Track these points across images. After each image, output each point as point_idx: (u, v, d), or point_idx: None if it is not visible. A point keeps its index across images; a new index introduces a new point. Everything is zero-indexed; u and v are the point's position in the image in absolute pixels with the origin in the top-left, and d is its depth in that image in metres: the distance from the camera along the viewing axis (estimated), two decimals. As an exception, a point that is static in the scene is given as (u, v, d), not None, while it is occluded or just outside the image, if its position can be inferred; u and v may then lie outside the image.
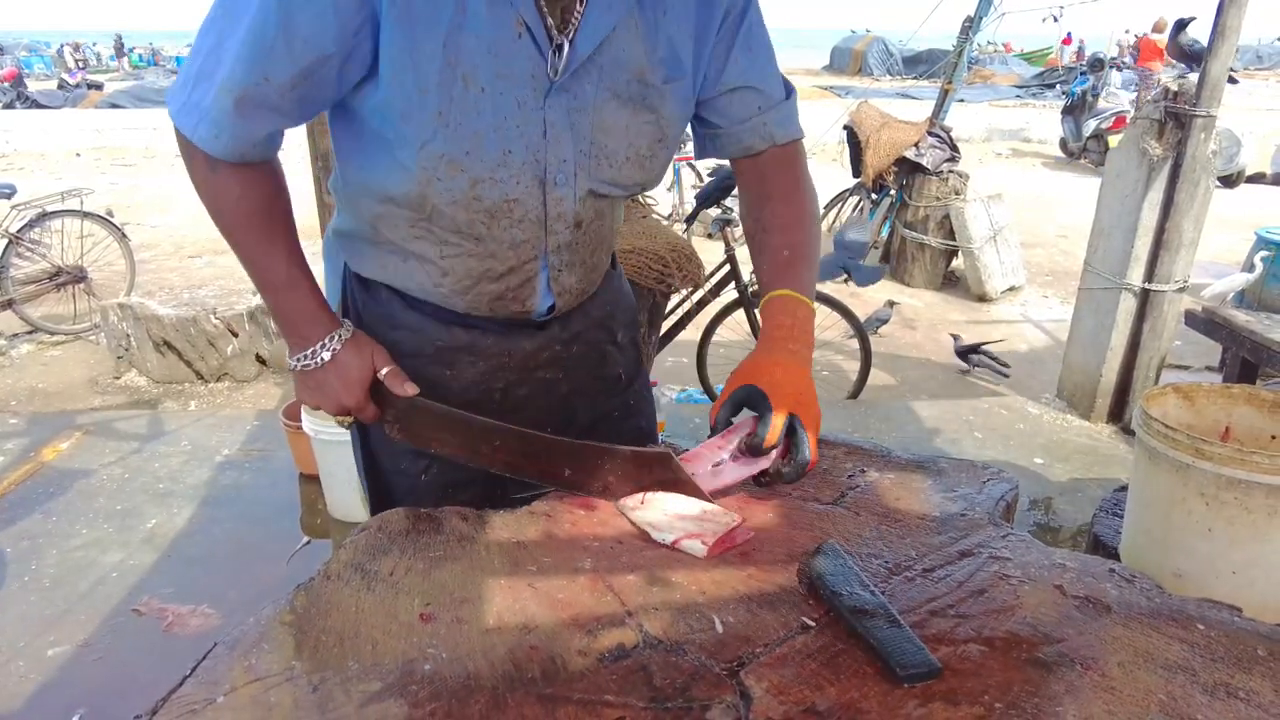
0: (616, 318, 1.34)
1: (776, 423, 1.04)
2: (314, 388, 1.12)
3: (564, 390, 1.29)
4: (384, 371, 1.12)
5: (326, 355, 1.10)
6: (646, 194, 1.33)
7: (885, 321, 5.06)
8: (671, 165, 4.39)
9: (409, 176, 1.02)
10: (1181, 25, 10.17)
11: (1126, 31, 27.73)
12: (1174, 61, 11.21)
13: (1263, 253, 4.02)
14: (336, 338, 1.11)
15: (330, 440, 2.75)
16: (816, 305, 1.23)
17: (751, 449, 1.05)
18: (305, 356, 1.10)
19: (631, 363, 1.40)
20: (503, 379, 1.24)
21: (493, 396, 1.25)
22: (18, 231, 4.97)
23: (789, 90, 1.21)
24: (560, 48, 1.00)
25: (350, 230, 1.18)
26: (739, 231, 4.68)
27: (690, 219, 4.75)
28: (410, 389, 1.13)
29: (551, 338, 1.25)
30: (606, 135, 1.08)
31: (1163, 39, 11.96)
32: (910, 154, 6.01)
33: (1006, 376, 4.56)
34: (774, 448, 1.04)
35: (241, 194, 1.04)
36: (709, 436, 1.11)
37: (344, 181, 1.14)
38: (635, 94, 1.07)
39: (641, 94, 1.08)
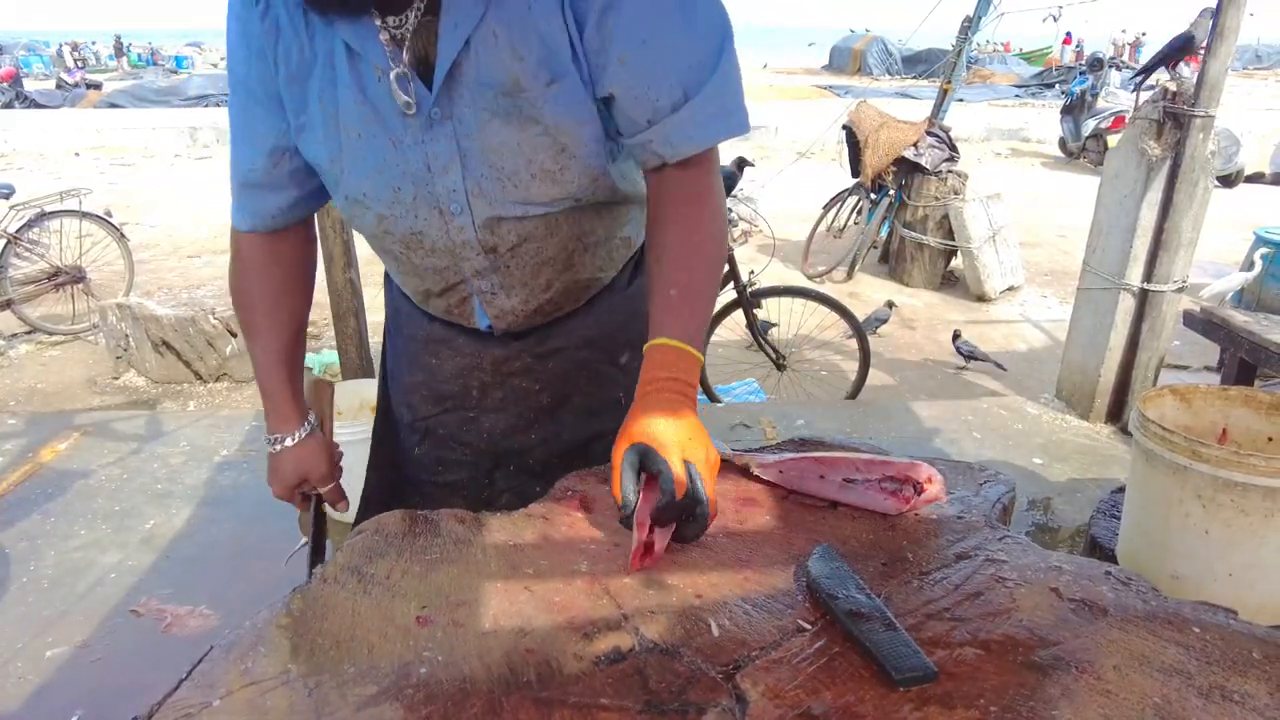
0: (618, 340, 1.29)
1: (676, 468, 0.92)
2: (270, 469, 1.28)
3: (545, 402, 1.30)
4: (325, 489, 1.30)
5: (278, 449, 1.25)
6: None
7: (884, 321, 5.06)
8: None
9: (344, 216, 1.18)
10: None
11: (1124, 31, 27.73)
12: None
13: (1262, 250, 4.02)
14: (283, 439, 1.25)
15: (329, 441, 2.75)
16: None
17: (663, 512, 0.92)
18: (266, 437, 1.27)
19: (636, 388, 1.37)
20: (478, 378, 1.30)
21: (470, 393, 1.31)
22: (16, 231, 4.97)
23: (700, 87, 0.99)
24: (428, 78, 1.01)
25: None
26: (738, 231, 4.68)
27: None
28: (341, 507, 1.32)
29: (523, 349, 1.27)
30: (500, 156, 1.04)
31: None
32: (909, 154, 6.01)
33: (1005, 370, 4.58)
34: (685, 494, 0.92)
35: (260, 269, 1.21)
36: (625, 513, 0.95)
37: None
38: (510, 108, 1.00)
39: (516, 106, 1.00)
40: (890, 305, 5.16)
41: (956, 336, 4.69)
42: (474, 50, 0.98)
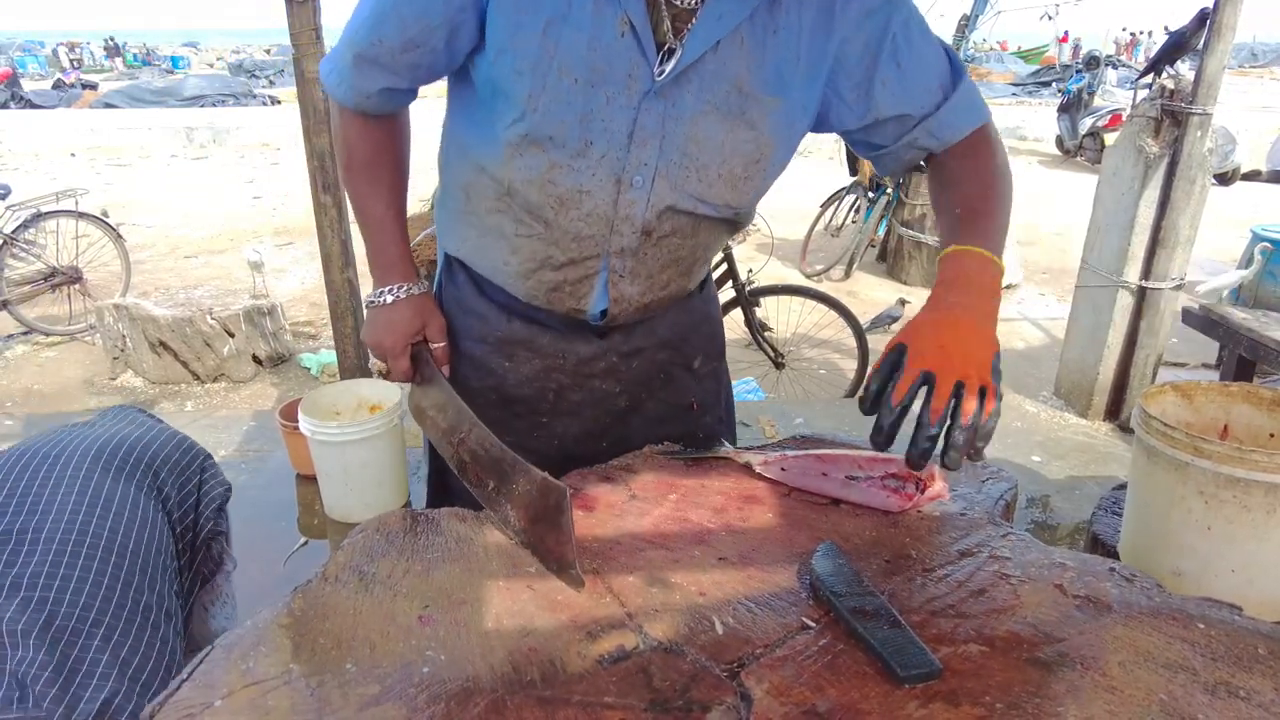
0: (692, 343, 1.32)
1: (939, 400, 0.90)
2: (369, 323, 1.24)
3: (622, 405, 1.29)
4: (435, 345, 1.23)
5: (389, 299, 1.22)
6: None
7: (896, 319, 5.05)
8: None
9: (497, 148, 1.08)
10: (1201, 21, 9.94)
11: (1124, 29, 27.77)
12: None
13: (1261, 245, 4.02)
14: (404, 289, 1.22)
15: (327, 441, 2.74)
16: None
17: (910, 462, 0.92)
18: (375, 294, 1.23)
19: (708, 394, 1.37)
20: (556, 380, 1.27)
21: (546, 396, 1.28)
22: (12, 232, 4.96)
23: (954, 86, 1.11)
24: (671, 52, 1.01)
25: (444, 201, 1.26)
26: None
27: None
28: (444, 365, 1.23)
29: (609, 347, 1.26)
30: (700, 148, 1.06)
31: None
32: (907, 152, 6.01)
33: None
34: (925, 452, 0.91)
35: (357, 140, 1.18)
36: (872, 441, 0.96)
37: (449, 145, 1.20)
38: (735, 107, 1.05)
39: (741, 107, 1.05)
40: (902, 303, 5.15)
41: (904, 304, 4.72)
42: (722, 46, 1.02)
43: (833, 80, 1.09)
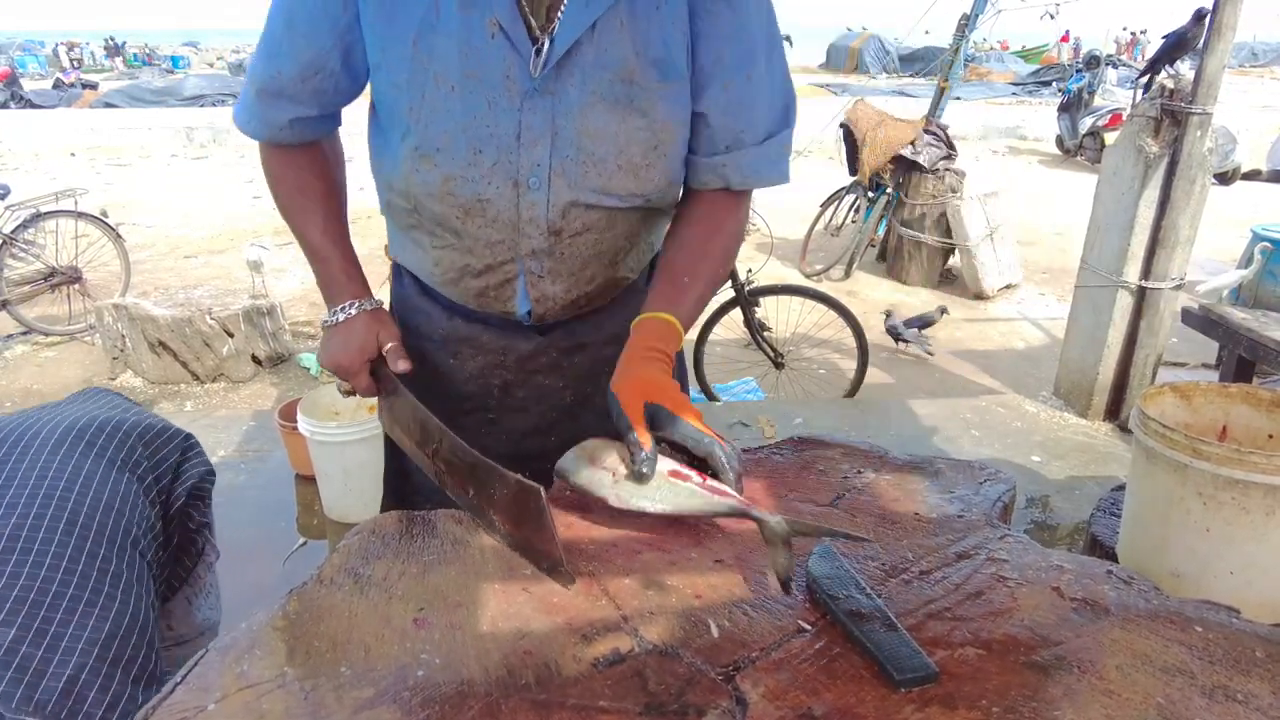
0: None
1: (694, 424, 0.99)
2: (324, 345, 1.21)
3: (568, 400, 1.29)
4: (388, 346, 1.18)
5: (341, 317, 1.19)
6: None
7: (931, 324, 5.00)
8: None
9: (397, 165, 1.09)
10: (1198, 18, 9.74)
11: (1124, 29, 27.75)
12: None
13: (1261, 244, 4.02)
14: (354, 305, 1.19)
15: (326, 441, 2.74)
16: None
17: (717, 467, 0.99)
18: (328, 315, 1.21)
19: None
20: (500, 376, 1.27)
21: (492, 392, 1.27)
22: (12, 232, 4.96)
23: (780, 129, 1.13)
24: (541, 48, 1.00)
25: (382, 212, 1.26)
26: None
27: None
28: (403, 365, 1.17)
29: (550, 343, 1.26)
30: (593, 140, 1.05)
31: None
32: (906, 152, 6.01)
33: (931, 355, 4.76)
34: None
35: (281, 172, 1.18)
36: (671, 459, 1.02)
37: (371, 164, 1.21)
38: (622, 95, 1.03)
39: (628, 95, 1.03)
40: (942, 310, 5.08)
41: (888, 315, 4.68)
42: (598, 32, 1.00)
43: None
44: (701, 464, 1.00)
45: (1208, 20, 3.20)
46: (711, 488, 0.98)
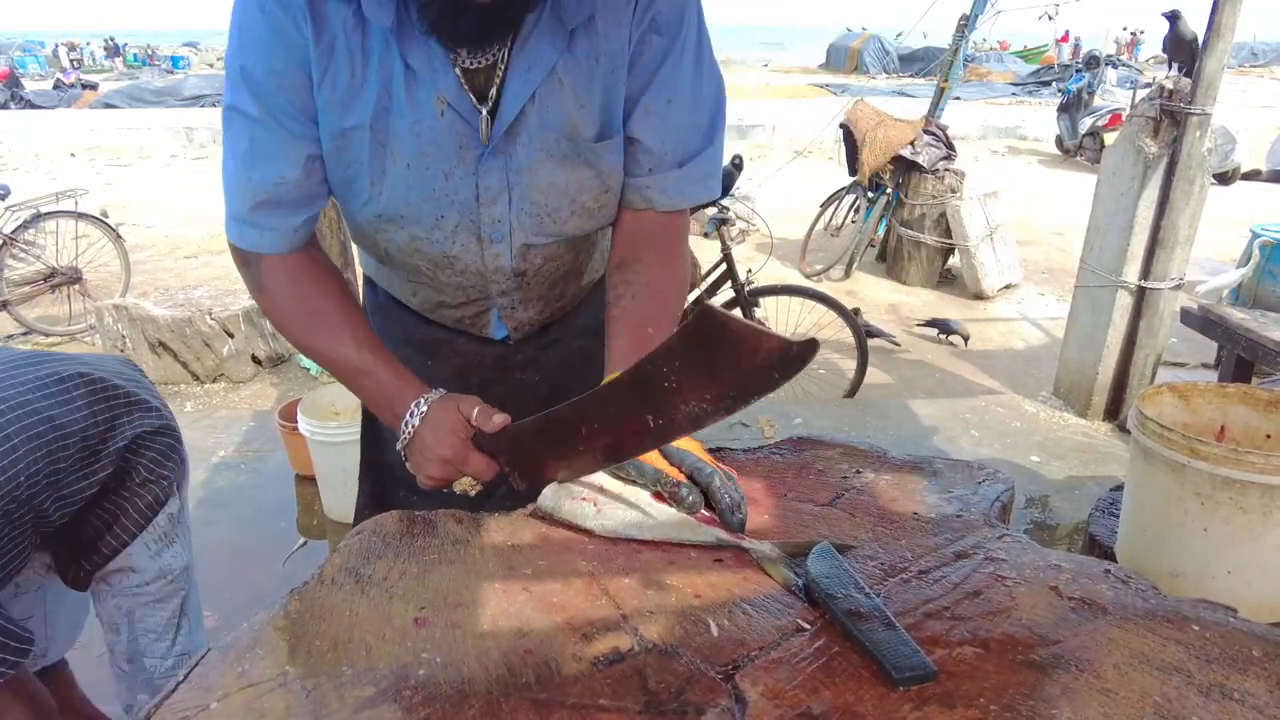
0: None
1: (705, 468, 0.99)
2: (416, 454, 1.05)
3: (544, 392, 1.33)
4: (474, 414, 1.02)
5: (416, 421, 1.04)
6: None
7: (955, 331, 5.03)
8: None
9: (361, 226, 1.13)
10: (1174, 19, 9.88)
11: (1124, 29, 27.75)
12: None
13: (1261, 240, 4.03)
14: (423, 401, 1.04)
15: (326, 441, 2.75)
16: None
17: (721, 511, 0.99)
18: (402, 432, 1.05)
19: None
20: (478, 375, 1.31)
21: (470, 390, 1.28)
22: (12, 232, 4.96)
23: (699, 152, 1.12)
24: (493, 114, 1.03)
25: (354, 241, 1.28)
26: (735, 230, 4.67)
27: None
28: (498, 420, 1.01)
29: (526, 343, 1.31)
30: (546, 195, 1.09)
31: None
32: (906, 152, 6.01)
33: (898, 345, 4.95)
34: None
35: (287, 292, 1.10)
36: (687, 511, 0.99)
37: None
38: (569, 151, 1.07)
39: (575, 151, 1.07)
40: (965, 338, 5.06)
41: (857, 313, 4.70)
42: (539, 94, 1.03)
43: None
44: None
45: (1208, 20, 3.20)
46: (702, 517, 0.99)
